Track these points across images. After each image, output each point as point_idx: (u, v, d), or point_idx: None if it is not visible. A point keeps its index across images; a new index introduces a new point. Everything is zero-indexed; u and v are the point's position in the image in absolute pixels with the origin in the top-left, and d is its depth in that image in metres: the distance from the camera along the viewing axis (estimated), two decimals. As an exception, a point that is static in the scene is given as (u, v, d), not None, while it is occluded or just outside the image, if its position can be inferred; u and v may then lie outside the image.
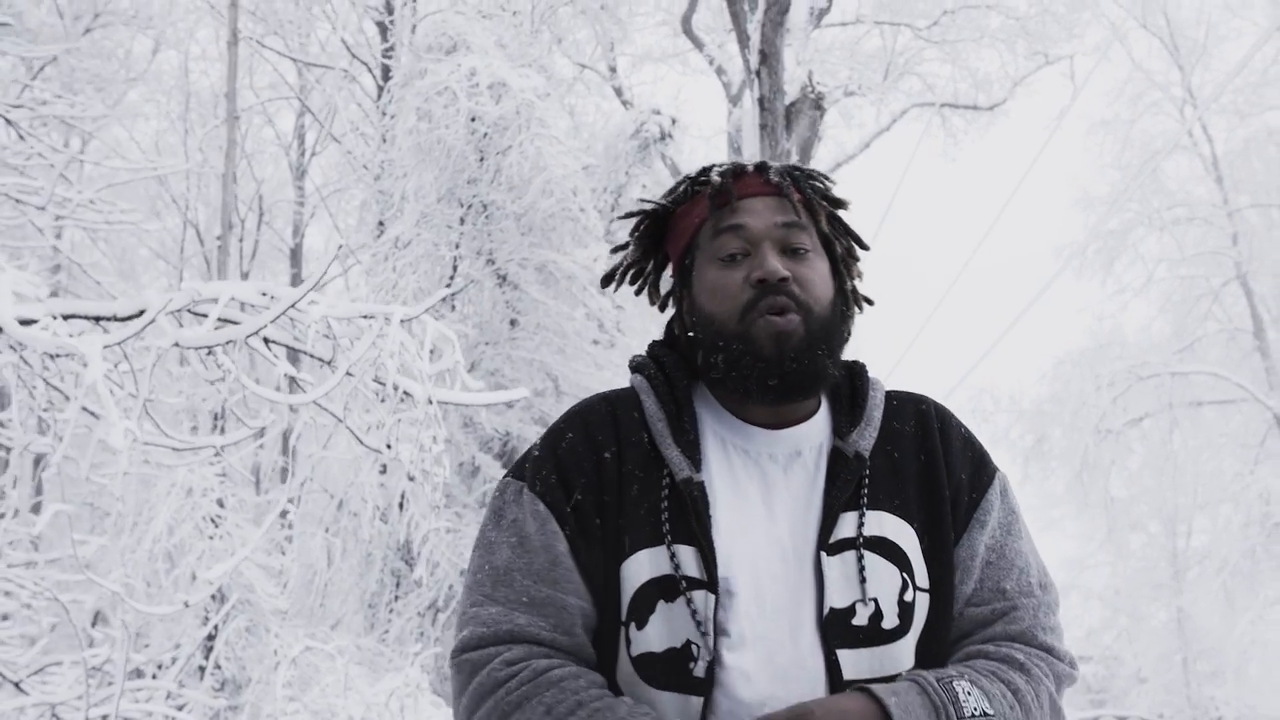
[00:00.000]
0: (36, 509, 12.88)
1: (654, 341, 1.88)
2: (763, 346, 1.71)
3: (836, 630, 1.65)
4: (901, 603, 1.68)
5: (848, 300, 1.84)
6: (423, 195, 12.82)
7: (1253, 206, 25.72)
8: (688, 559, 1.67)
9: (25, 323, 3.63)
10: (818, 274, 1.78)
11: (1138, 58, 26.14)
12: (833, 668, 1.64)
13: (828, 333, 1.76)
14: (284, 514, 17.73)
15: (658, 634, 1.66)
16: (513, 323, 13.60)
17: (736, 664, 1.64)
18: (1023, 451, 28.91)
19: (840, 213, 1.86)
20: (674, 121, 17.14)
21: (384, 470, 11.59)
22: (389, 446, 4.03)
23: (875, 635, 1.66)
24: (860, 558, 1.68)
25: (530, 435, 13.00)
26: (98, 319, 4.05)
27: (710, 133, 23.25)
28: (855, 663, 1.65)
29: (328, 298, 3.91)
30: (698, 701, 1.63)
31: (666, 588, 1.66)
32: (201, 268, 23.56)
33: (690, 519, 1.68)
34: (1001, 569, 1.78)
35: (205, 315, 3.95)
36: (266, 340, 3.93)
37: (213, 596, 9.85)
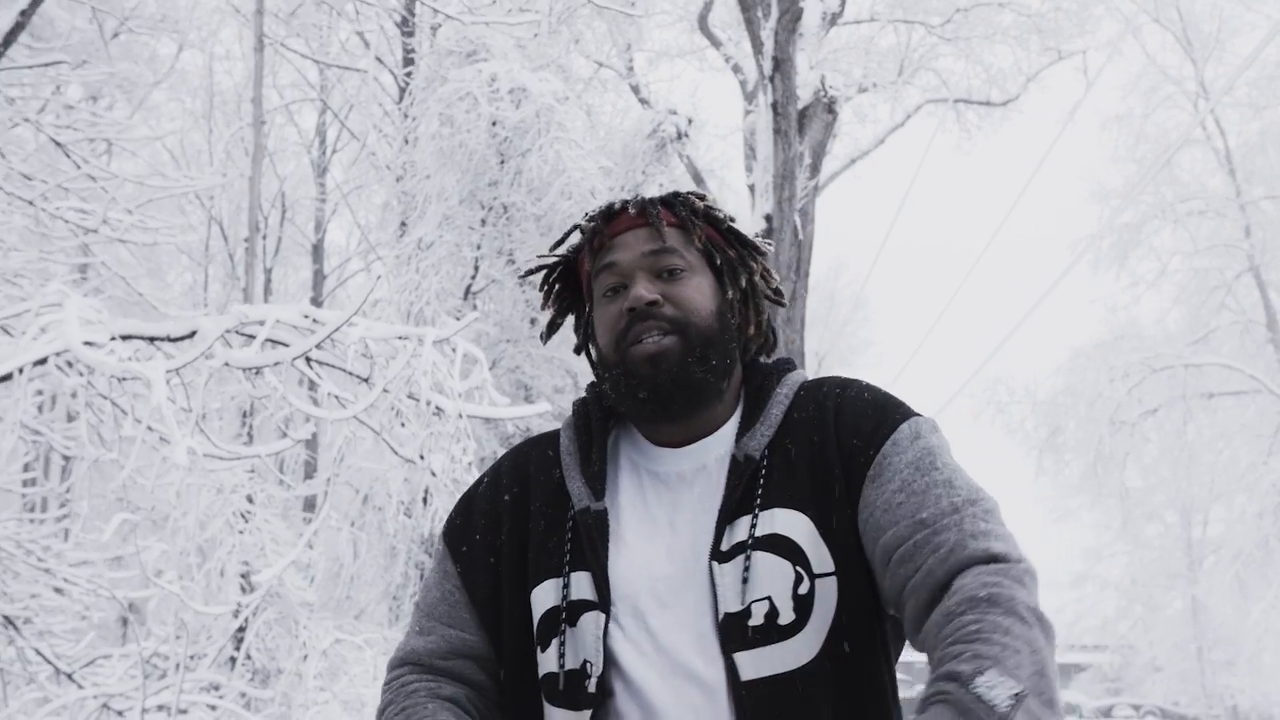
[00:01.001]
0: (65, 505, 13.25)
1: (591, 382, 1.96)
2: (637, 367, 1.78)
3: (731, 634, 1.67)
4: (796, 596, 1.68)
5: (732, 307, 1.87)
6: (445, 198, 13.15)
7: (1266, 198, 25.86)
8: (583, 584, 1.74)
9: (88, 343, 3.96)
10: (693, 289, 1.83)
11: (1151, 52, 26.37)
12: (730, 670, 1.66)
13: (707, 342, 1.80)
14: (311, 508, 18.07)
15: (554, 656, 1.74)
16: (533, 321, 13.92)
17: (628, 680, 1.70)
18: (1038, 443, 29.09)
19: (729, 224, 1.91)
20: (690, 121, 17.40)
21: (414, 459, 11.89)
22: (422, 457, 4.35)
23: (772, 633, 1.67)
24: (747, 559, 1.69)
25: (549, 429, 13.26)
26: (153, 339, 4.38)
27: (727, 130, 23.53)
28: (754, 663, 1.66)
29: (365, 320, 4.22)
30: (585, 715, 1.70)
31: (562, 613, 1.74)
32: (225, 263, 23.91)
33: (585, 546, 1.75)
34: (914, 503, 1.70)
35: (252, 336, 4.27)
36: (309, 360, 4.24)
37: (242, 589, 10.17)
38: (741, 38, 20.30)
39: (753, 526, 1.72)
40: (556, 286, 1.96)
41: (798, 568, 1.70)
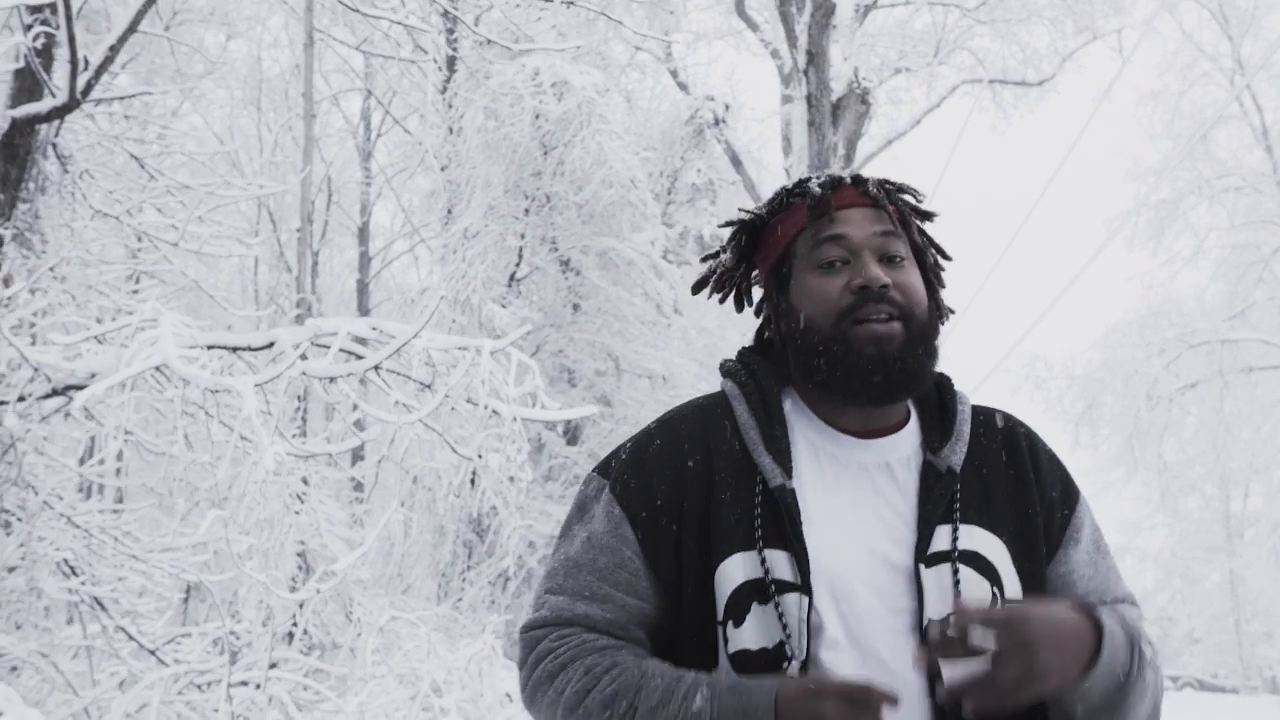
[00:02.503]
0: (119, 492, 13.81)
1: (744, 348, 1.92)
2: (864, 348, 1.74)
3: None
4: None
5: (940, 308, 1.88)
6: (490, 188, 13.59)
7: (1304, 174, 25.92)
8: (780, 563, 1.69)
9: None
10: (915, 279, 1.82)
11: (1187, 29, 26.38)
12: (935, 678, 1.66)
13: (926, 336, 1.79)
14: (359, 488, 18.60)
15: (753, 633, 1.69)
16: (575, 307, 14.34)
17: (831, 664, 1.67)
18: (1074, 417, 29.32)
19: (927, 225, 1.92)
20: (727, 108, 17.77)
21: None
22: (480, 456, 4.79)
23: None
24: (955, 570, 1.70)
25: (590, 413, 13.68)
26: (235, 349, 4.84)
27: (765, 113, 23.75)
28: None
29: (428, 332, 4.66)
30: None
31: (760, 591, 1.69)
32: (273, 245, 24.37)
33: (784, 525, 1.70)
34: (1099, 582, 1.83)
35: (326, 346, 4.72)
36: (377, 368, 4.69)
37: (299, 567, 10.66)
38: (779, 21, 20.60)
39: (955, 539, 1.72)
40: (743, 239, 1.93)
41: (994, 588, 1.72)
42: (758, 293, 1.98)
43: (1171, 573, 36.43)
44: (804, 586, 1.68)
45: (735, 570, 1.71)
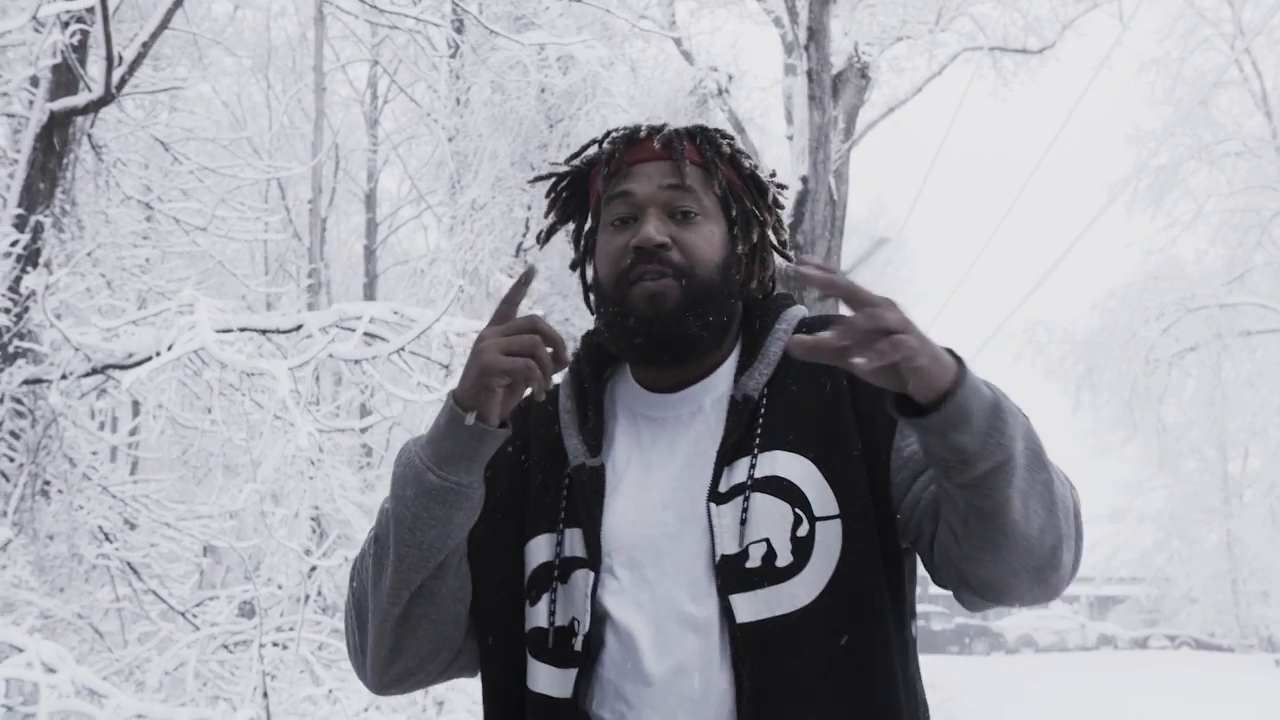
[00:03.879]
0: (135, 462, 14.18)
1: (586, 332, 1.91)
2: (636, 307, 1.71)
3: (729, 575, 1.63)
4: (795, 538, 1.63)
5: (740, 262, 1.80)
6: (497, 160, 13.89)
7: (1303, 139, 26.13)
8: (577, 540, 1.70)
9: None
10: (703, 238, 1.75)
11: (1189, -6, 26.51)
12: (726, 612, 1.62)
13: (707, 296, 1.73)
14: (370, 453, 18.98)
15: (544, 611, 1.70)
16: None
17: (620, 632, 1.66)
18: (1074, 381, 29.64)
19: (751, 170, 1.84)
20: (730, 78, 18.00)
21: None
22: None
23: (769, 575, 1.62)
24: (745, 500, 1.65)
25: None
26: (265, 331, 5.17)
27: (767, 82, 23.92)
28: (751, 605, 1.61)
29: (447, 316, 4.98)
30: (571, 673, 1.66)
31: (554, 569, 1.71)
32: (282, 213, 24.61)
33: (578, 502, 1.72)
34: None
35: (352, 329, 5.05)
36: (399, 350, 5.01)
37: (313, 530, 11.00)
38: (781, -10, 20.76)
39: (752, 468, 1.67)
40: (564, 195, 1.89)
41: (797, 510, 1.65)
42: None
43: (1170, 534, 36.84)
44: (591, 561, 1.68)
45: (539, 551, 1.74)
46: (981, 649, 39.05)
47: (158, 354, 4.90)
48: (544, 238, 1.94)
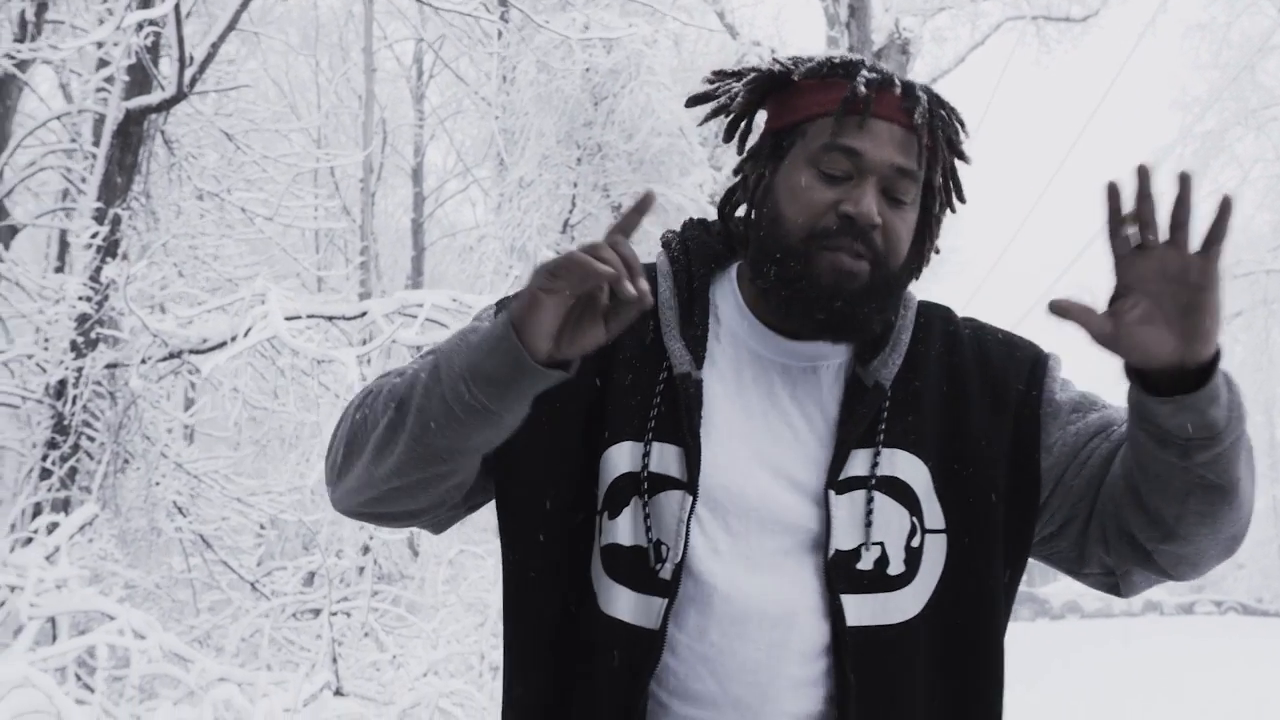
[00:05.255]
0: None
1: (690, 219, 1.74)
2: (822, 277, 1.55)
3: (841, 573, 1.52)
4: (909, 548, 1.55)
5: (922, 260, 1.69)
6: (543, 138, 14.19)
7: (1351, 104, 25.94)
8: (670, 458, 1.55)
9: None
10: (907, 227, 1.61)
11: (1235, -41, 26.31)
12: (836, 612, 1.52)
13: (889, 289, 1.60)
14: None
15: (628, 528, 1.54)
16: (626, 250, 14.84)
17: (709, 574, 1.53)
18: (1121, 347, 29.57)
19: (959, 163, 1.69)
20: (774, 52, 18.18)
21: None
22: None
23: (880, 581, 1.53)
24: (870, 499, 1.54)
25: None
26: (331, 318, 5.48)
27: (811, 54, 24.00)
28: (858, 609, 1.52)
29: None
30: (660, 603, 1.51)
31: (643, 483, 1.54)
32: (330, 188, 24.95)
33: (680, 417, 1.56)
34: (1096, 419, 1.65)
35: (414, 316, 5.35)
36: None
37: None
38: (823, -38, 20.85)
39: (874, 465, 1.57)
40: (759, 87, 1.67)
41: (913, 518, 1.56)
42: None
43: (1217, 500, 36.72)
44: (690, 485, 1.53)
45: (620, 459, 1.56)
46: (1027, 615, 39.20)
47: (232, 339, 5.23)
48: (708, 114, 1.72)
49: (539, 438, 1.56)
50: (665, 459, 1.55)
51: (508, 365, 1.39)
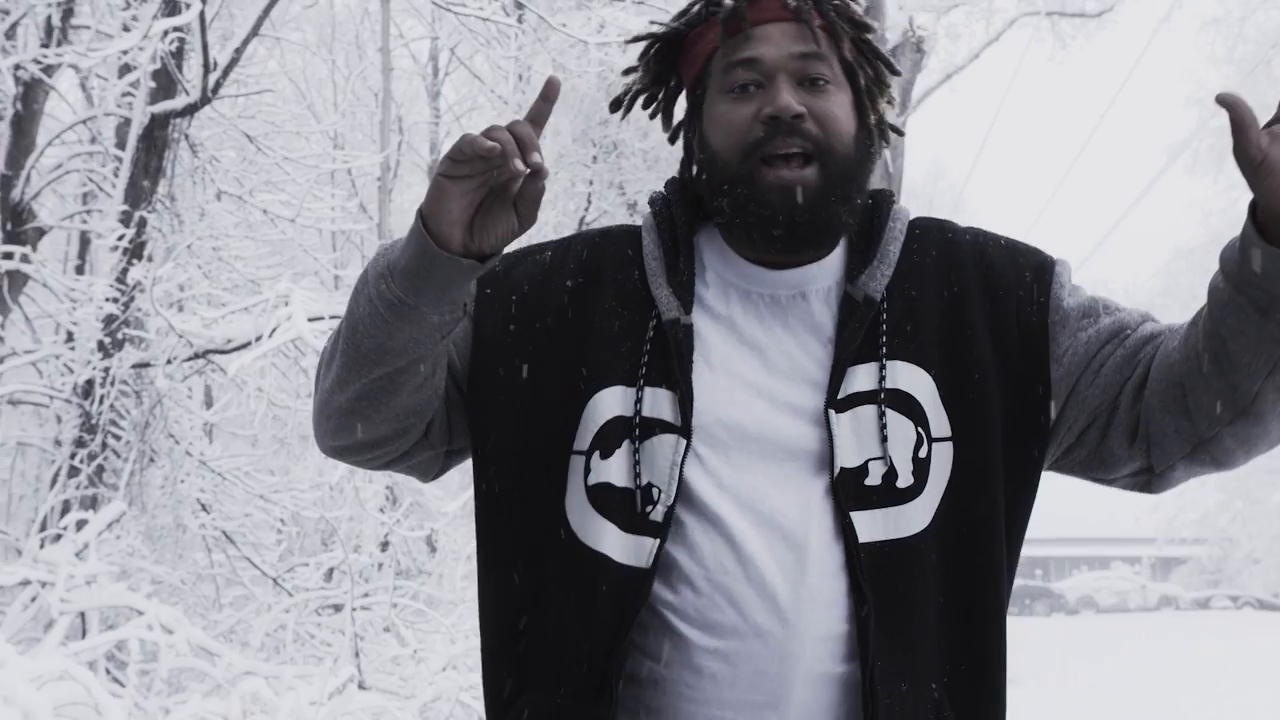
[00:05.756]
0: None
1: (671, 178, 1.72)
2: (769, 194, 1.56)
3: (849, 490, 1.52)
4: (916, 459, 1.54)
5: (871, 135, 1.65)
6: (559, 137, 14.29)
7: (1367, 99, 25.89)
8: (663, 402, 1.55)
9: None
10: (839, 106, 1.60)
11: (1251, -47, 26.30)
12: (847, 530, 1.51)
13: (847, 175, 1.58)
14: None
15: (620, 469, 1.54)
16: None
17: (714, 505, 1.53)
18: (1137, 342, 29.58)
19: (867, 36, 1.66)
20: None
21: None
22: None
23: (890, 495, 1.53)
24: (882, 414, 1.54)
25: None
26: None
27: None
28: (870, 525, 1.52)
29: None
30: (651, 543, 1.51)
31: (635, 427, 1.54)
32: (347, 185, 25.07)
33: (671, 361, 1.56)
34: (1109, 332, 1.61)
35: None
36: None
37: (386, 499, 11.46)
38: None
39: (881, 378, 1.55)
40: (657, 57, 1.70)
41: (919, 429, 1.55)
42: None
43: (1233, 495, 36.73)
44: (683, 429, 1.53)
45: (611, 402, 1.57)
46: (1042, 610, 39.18)
47: (256, 340, 5.32)
48: (625, 104, 1.75)
49: (515, 376, 1.60)
50: (658, 403, 1.55)
51: (419, 256, 1.42)
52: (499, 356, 1.61)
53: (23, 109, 6.45)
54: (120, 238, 5.95)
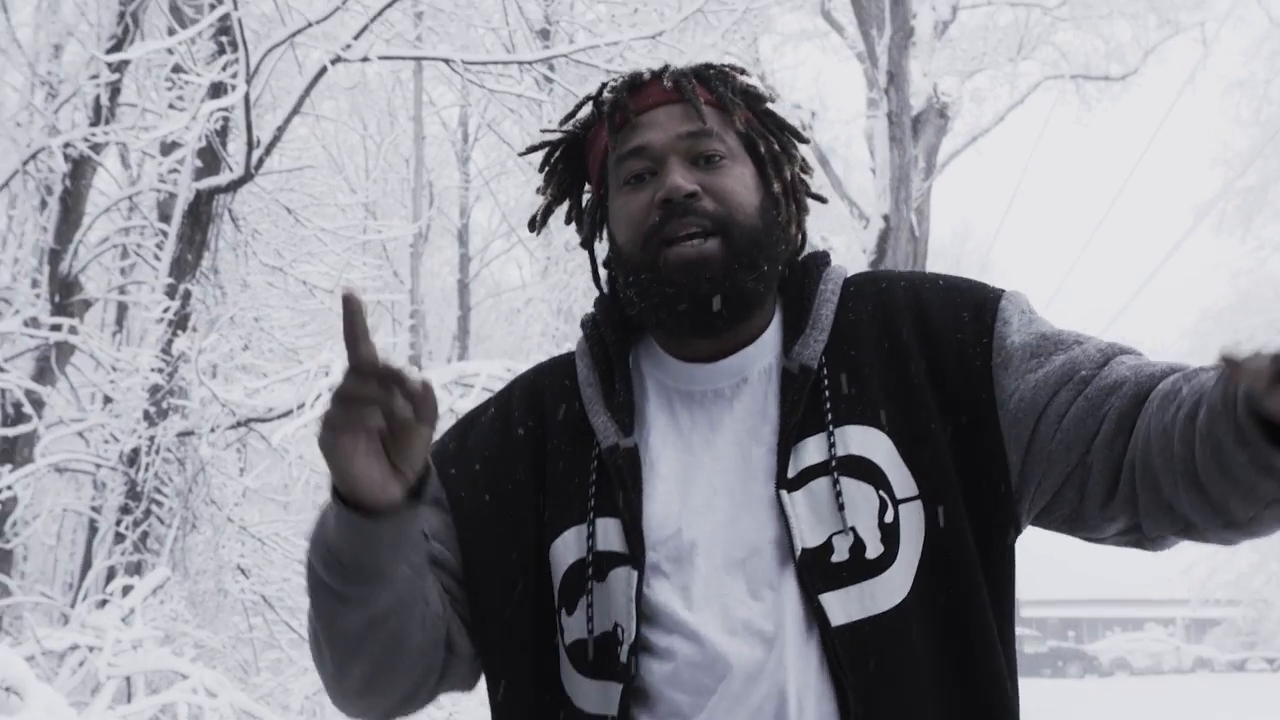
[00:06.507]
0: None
1: (599, 295, 1.68)
2: (671, 273, 1.51)
3: (815, 572, 1.43)
4: (883, 525, 1.45)
5: (778, 203, 1.60)
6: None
7: (1392, 160, 25.98)
8: (611, 533, 1.48)
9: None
10: (736, 180, 1.56)
11: (1275, 16, 26.46)
12: (816, 614, 1.42)
13: (753, 245, 1.54)
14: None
15: (585, 620, 1.48)
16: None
17: (668, 642, 1.45)
18: (1167, 402, 29.49)
19: (768, 106, 1.63)
20: (814, 115, 18.46)
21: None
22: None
23: (860, 569, 1.44)
24: (836, 484, 1.45)
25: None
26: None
27: (850, 115, 24.32)
28: (843, 605, 1.43)
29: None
30: (615, 688, 1.44)
31: (588, 567, 1.48)
32: (378, 251, 25.35)
33: (614, 490, 1.50)
34: (1063, 368, 1.49)
35: (470, 385, 5.59)
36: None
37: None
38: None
39: (831, 446, 1.47)
40: (560, 167, 1.68)
41: (881, 493, 1.46)
42: None
43: (1267, 555, 36.42)
44: (633, 557, 1.46)
45: (567, 549, 1.51)
46: (1075, 672, 38.84)
47: (298, 408, 5.47)
48: (540, 220, 1.71)
49: (488, 547, 1.54)
50: (609, 535, 1.49)
51: (358, 537, 1.32)
52: (484, 529, 1.55)
53: (71, 184, 6.66)
54: (166, 310, 6.13)
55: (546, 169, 1.67)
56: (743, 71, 1.64)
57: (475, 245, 27.93)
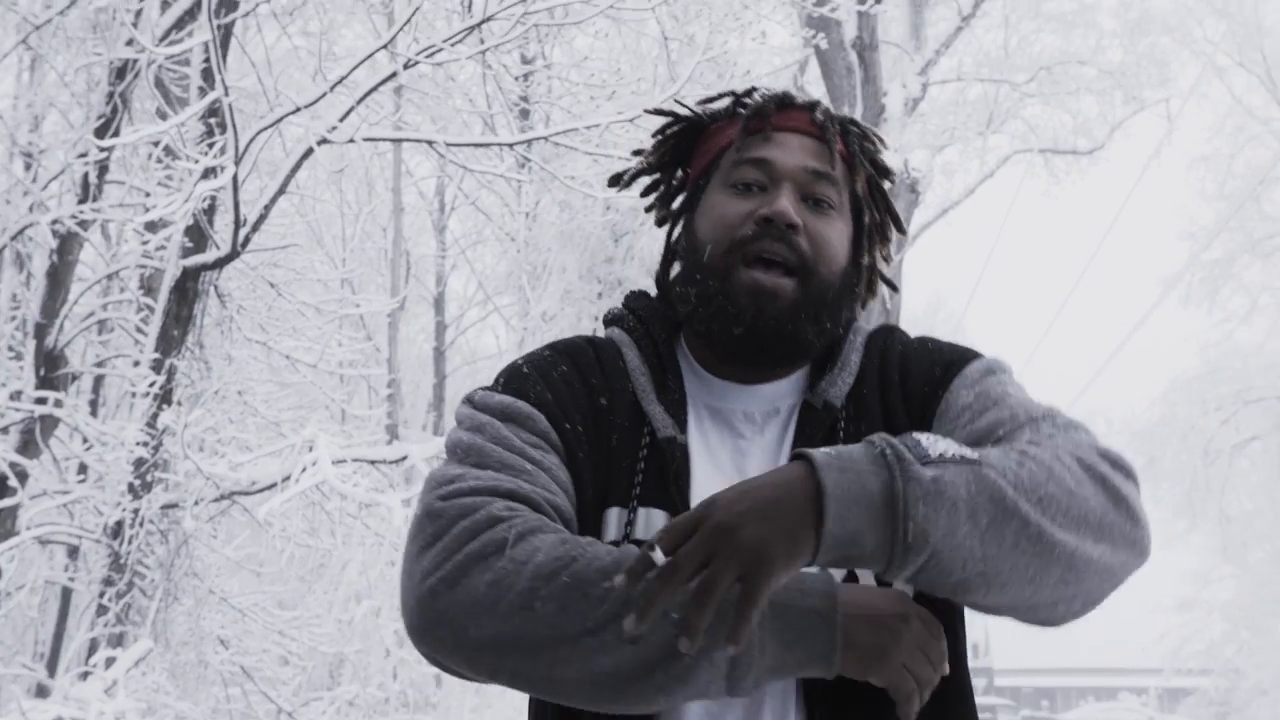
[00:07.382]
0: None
1: (631, 293, 1.72)
2: (740, 295, 1.52)
3: None
4: None
5: (860, 274, 1.64)
6: (565, 274, 14.73)
7: (1355, 232, 26.45)
8: (655, 523, 1.48)
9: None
10: (836, 233, 1.57)
11: (1237, 93, 27.03)
12: None
13: (824, 301, 1.55)
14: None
15: None
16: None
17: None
18: (1136, 469, 29.70)
19: (885, 184, 1.66)
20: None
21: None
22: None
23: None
24: None
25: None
26: (374, 462, 5.83)
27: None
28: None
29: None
30: None
31: None
32: (356, 321, 25.41)
33: (669, 481, 1.50)
34: (986, 421, 1.50)
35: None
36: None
37: (395, 634, 11.60)
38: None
39: None
40: (672, 141, 1.70)
41: None
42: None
43: (1238, 625, 36.55)
44: None
45: (610, 524, 1.51)
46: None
47: (284, 480, 5.58)
48: (625, 181, 1.73)
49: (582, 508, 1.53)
50: (653, 525, 1.49)
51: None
52: (581, 492, 1.53)
53: (58, 260, 6.78)
54: (151, 384, 6.24)
55: (660, 137, 1.70)
56: (883, 143, 1.69)
57: (451, 313, 28.07)
